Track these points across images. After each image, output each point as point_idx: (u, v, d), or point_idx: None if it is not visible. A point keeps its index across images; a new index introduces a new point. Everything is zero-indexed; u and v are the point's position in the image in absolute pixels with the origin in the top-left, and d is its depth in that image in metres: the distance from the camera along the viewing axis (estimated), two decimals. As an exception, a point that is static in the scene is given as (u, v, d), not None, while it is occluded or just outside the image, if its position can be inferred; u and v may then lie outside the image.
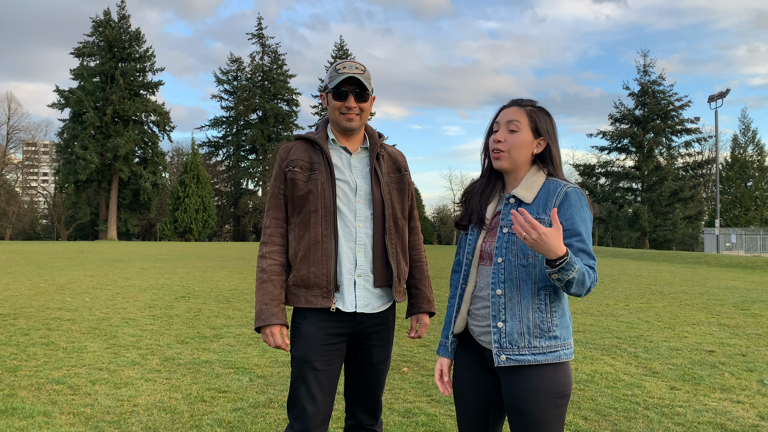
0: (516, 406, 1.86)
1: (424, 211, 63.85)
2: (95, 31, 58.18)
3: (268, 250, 2.32)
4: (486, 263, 1.96)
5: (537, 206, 1.89)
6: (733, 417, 3.98)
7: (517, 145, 1.94)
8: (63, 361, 5.41)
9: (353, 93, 2.28)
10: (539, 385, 1.84)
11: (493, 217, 2.00)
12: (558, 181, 1.92)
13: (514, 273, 1.87)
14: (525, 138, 1.95)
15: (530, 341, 1.85)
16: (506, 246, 1.90)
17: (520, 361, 1.85)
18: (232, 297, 10.36)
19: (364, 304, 2.28)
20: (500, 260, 1.90)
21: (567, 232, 1.84)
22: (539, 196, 1.91)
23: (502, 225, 1.94)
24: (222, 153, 68.47)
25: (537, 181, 1.94)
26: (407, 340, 6.50)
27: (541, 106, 2.01)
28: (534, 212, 1.88)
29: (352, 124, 2.30)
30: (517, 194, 1.93)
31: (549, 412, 1.84)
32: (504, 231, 1.92)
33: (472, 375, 2.03)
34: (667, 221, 45.95)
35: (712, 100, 36.30)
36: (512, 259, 1.88)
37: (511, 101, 2.03)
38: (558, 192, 1.88)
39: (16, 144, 67.23)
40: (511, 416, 1.90)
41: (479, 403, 2.03)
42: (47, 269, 16.14)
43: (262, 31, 67.03)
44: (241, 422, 3.82)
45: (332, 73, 2.31)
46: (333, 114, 2.33)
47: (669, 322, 7.84)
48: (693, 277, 15.50)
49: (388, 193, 2.34)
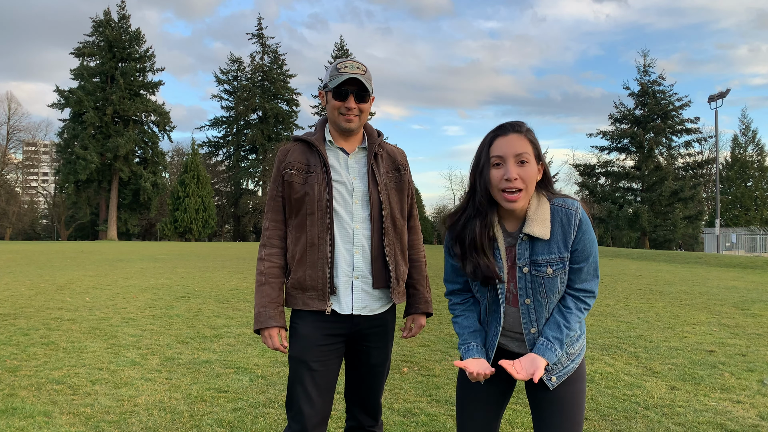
0: (553, 395, 1.95)
1: (424, 211, 63.85)
2: (95, 31, 58.16)
3: (266, 253, 2.32)
4: (511, 305, 1.95)
5: (556, 244, 1.84)
6: (733, 417, 3.98)
7: (531, 179, 1.81)
8: (63, 361, 5.41)
9: (353, 93, 2.26)
10: (572, 373, 1.97)
11: (506, 254, 1.90)
12: (565, 209, 1.86)
13: (545, 312, 1.91)
14: (534, 169, 1.83)
15: (567, 351, 1.96)
16: (531, 287, 1.88)
17: (567, 373, 1.96)
18: (232, 297, 10.36)
19: (361, 306, 2.27)
20: (528, 301, 1.90)
21: (581, 255, 1.87)
22: (554, 231, 1.84)
23: (520, 265, 1.87)
24: (222, 153, 68.48)
25: (545, 212, 1.85)
26: (407, 340, 6.50)
27: (528, 127, 1.88)
28: (555, 251, 1.84)
29: (351, 125, 2.29)
30: (533, 233, 1.82)
31: (579, 395, 1.98)
32: (525, 271, 1.87)
33: (487, 381, 2.02)
34: (667, 221, 45.95)
35: (712, 100, 36.33)
36: (541, 300, 1.90)
37: (507, 128, 1.85)
38: (572, 224, 1.84)
39: (16, 144, 67.31)
40: (544, 406, 1.97)
41: (487, 410, 2.05)
42: (47, 269, 16.13)
43: (262, 31, 67.05)
44: (241, 422, 3.82)
45: (333, 72, 2.29)
46: (332, 114, 2.31)
47: (669, 322, 7.84)
48: (693, 277, 15.50)
49: (386, 193, 2.33)
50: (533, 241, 1.84)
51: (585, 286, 1.90)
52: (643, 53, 61.93)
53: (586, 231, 1.85)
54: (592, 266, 1.89)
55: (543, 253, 1.84)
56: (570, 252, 1.86)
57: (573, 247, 1.85)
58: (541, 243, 1.83)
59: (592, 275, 1.90)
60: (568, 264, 1.87)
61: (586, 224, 1.85)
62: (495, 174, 1.81)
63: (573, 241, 1.84)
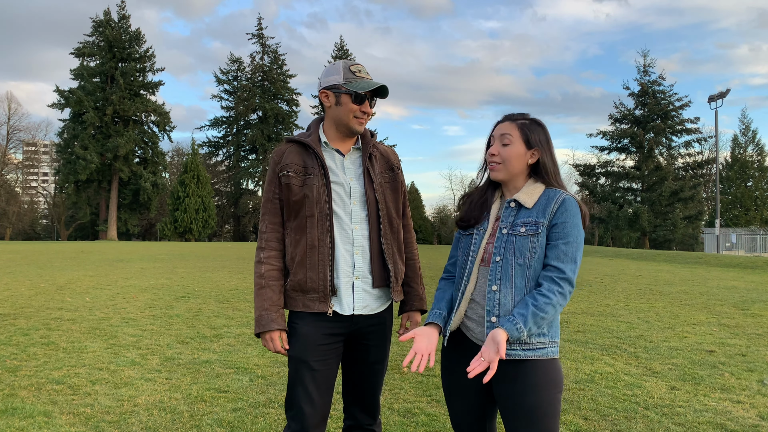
0: (514, 401, 1.94)
1: (424, 211, 63.80)
2: (95, 31, 58.09)
3: (265, 255, 2.32)
4: (486, 264, 2.05)
5: (537, 211, 2.02)
6: (733, 417, 3.98)
7: (510, 158, 2.07)
8: (63, 361, 5.41)
9: (371, 99, 2.30)
10: (537, 380, 1.94)
11: (494, 222, 2.09)
12: (557, 189, 2.06)
13: (510, 271, 1.98)
14: (518, 150, 2.07)
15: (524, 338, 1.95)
16: (504, 246, 2.01)
17: (511, 356, 1.94)
18: (232, 297, 10.36)
19: (362, 305, 2.28)
20: (498, 258, 2.01)
21: (560, 233, 1.99)
22: (539, 201, 2.04)
23: (501, 227, 2.04)
24: (222, 153, 68.41)
25: (537, 189, 2.06)
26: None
27: (534, 118, 2.13)
28: (533, 216, 2.01)
29: (362, 128, 2.33)
30: (518, 199, 2.05)
31: (545, 405, 1.93)
32: (504, 232, 2.03)
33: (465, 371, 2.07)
34: (667, 221, 45.95)
35: (712, 100, 36.32)
36: (509, 258, 1.99)
37: (504, 116, 2.15)
38: (556, 198, 2.02)
39: (16, 144, 67.24)
40: (508, 412, 1.97)
41: (473, 396, 2.09)
42: (47, 269, 16.13)
43: (262, 31, 67.03)
44: (241, 422, 3.82)
45: (347, 75, 2.28)
46: (345, 116, 2.29)
47: (669, 322, 7.84)
48: (693, 277, 15.50)
49: (382, 193, 2.34)
50: (519, 210, 2.04)
51: (559, 264, 1.95)
52: (643, 53, 61.96)
53: (569, 212, 1.99)
54: (571, 249, 1.97)
55: (523, 217, 2.03)
56: (550, 225, 1.99)
57: (552, 221, 1.99)
58: (525, 210, 2.03)
59: (570, 259, 1.96)
60: (543, 231, 1.98)
61: (571, 207, 2.00)
62: (487, 151, 2.14)
63: (553, 215, 1.99)
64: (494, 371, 1.83)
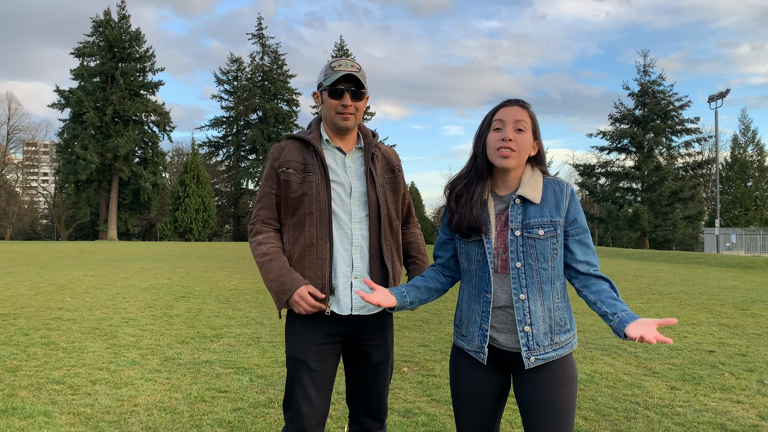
0: (541, 398, 1.92)
1: (424, 211, 63.78)
2: (95, 31, 58.11)
3: (264, 237, 2.29)
4: (501, 271, 1.94)
5: (548, 208, 1.93)
6: (733, 417, 3.98)
7: (525, 146, 1.95)
8: (63, 361, 5.41)
9: (349, 91, 2.25)
10: (561, 376, 1.94)
11: (496, 221, 1.97)
12: (556, 181, 1.99)
13: (536, 277, 1.92)
14: (530, 139, 1.97)
15: (552, 338, 1.94)
16: (523, 250, 1.92)
17: (547, 359, 1.93)
18: (232, 297, 10.36)
19: (360, 306, 2.26)
20: (518, 265, 1.92)
21: (577, 229, 1.96)
22: (546, 196, 1.95)
23: (512, 228, 1.93)
24: (222, 153, 68.42)
25: (538, 180, 1.97)
26: (407, 340, 6.50)
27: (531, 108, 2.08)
28: (547, 215, 1.93)
29: (347, 123, 2.27)
30: (526, 195, 1.93)
31: (570, 399, 1.94)
32: (517, 234, 1.92)
33: (484, 376, 2.02)
34: (667, 221, 45.94)
35: (712, 100, 36.33)
36: (532, 263, 1.91)
37: (512, 101, 2.01)
38: (564, 193, 1.96)
39: (16, 144, 67.27)
40: (531, 410, 1.94)
41: (489, 403, 2.04)
42: (47, 269, 16.13)
43: (262, 31, 67.03)
44: (241, 422, 3.82)
45: (327, 71, 2.28)
46: (328, 113, 2.29)
47: (669, 322, 7.84)
48: (693, 277, 15.49)
49: (383, 194, 2.32)
50: (526, 206, 1.94)
51: (590, 259, 1.96)
52: (643, 53, 61.83)
53: (579, 203, 1.97)
54: (590, 241, 1.99)
55: (535, 216, 1.92)
56: (569, 224, 1.95)
57: (570, 218, 1.94)
58: (534, 207, 1.93)
59: (593, 252, 1.98)
60: (561, 231, 1.93)
61: (577, 197, 1.97)
62: (493, 136, 1.96)
63: (567, 211, 1.94)
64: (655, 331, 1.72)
